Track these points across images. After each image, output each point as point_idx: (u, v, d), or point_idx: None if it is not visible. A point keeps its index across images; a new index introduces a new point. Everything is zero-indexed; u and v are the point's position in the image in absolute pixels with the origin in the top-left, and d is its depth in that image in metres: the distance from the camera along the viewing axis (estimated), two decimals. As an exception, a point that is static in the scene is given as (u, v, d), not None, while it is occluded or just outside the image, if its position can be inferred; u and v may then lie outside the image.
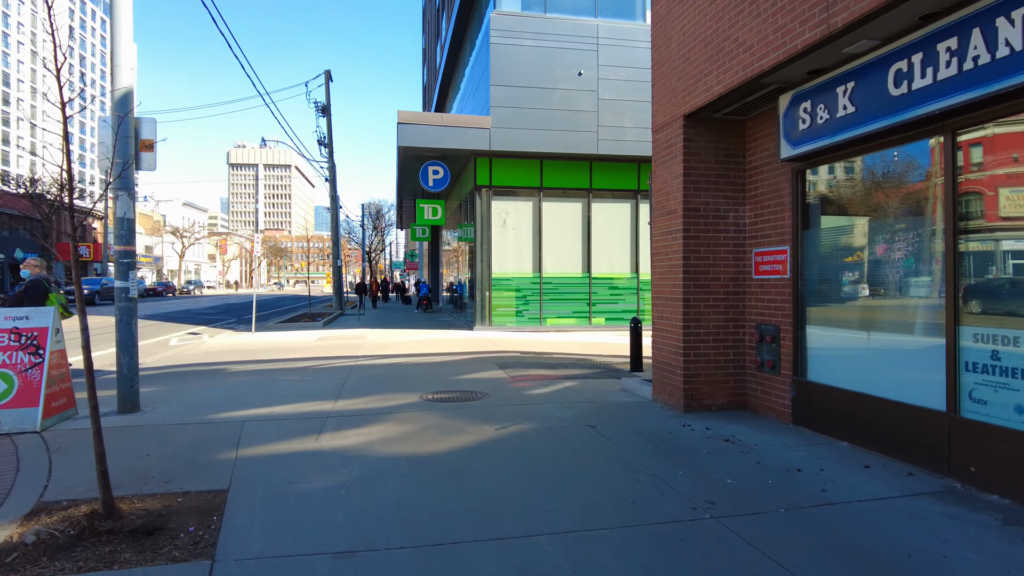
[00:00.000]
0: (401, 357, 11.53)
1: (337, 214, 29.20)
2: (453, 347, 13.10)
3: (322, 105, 28.56)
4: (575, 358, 11.58)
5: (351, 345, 13.74)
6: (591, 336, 16.58)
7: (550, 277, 17.54)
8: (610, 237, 18.00)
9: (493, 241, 17.20)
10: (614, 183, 17.99)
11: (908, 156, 4.83)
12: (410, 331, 17.43)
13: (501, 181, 17.34)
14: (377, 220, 67.10)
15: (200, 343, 15.41)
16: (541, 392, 7.80)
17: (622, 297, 18.07)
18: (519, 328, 17.18)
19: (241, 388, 8.29)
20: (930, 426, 4.48)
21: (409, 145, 16.29)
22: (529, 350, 12.65)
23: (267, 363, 10.96)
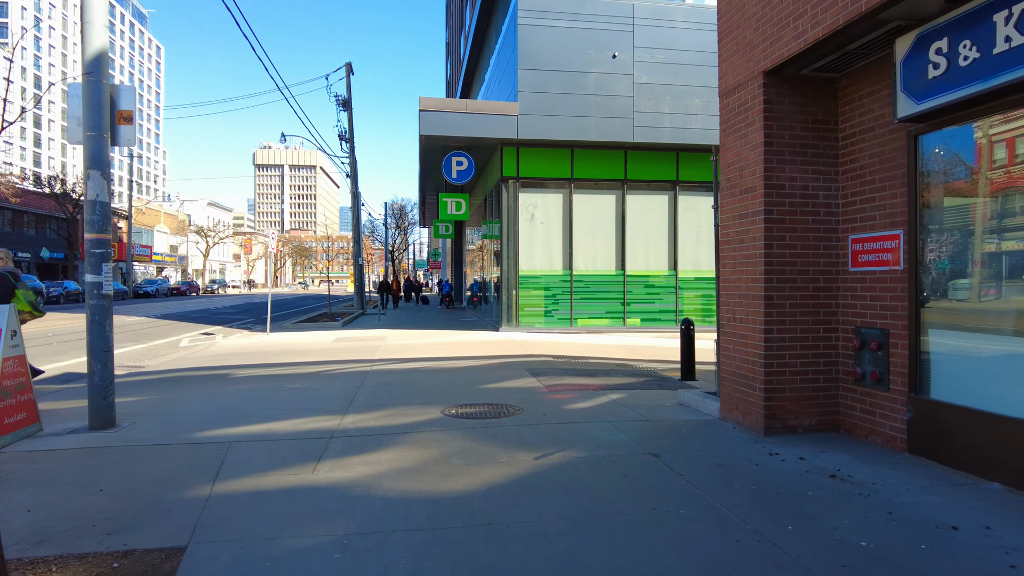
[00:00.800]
0: (422, 362, 10.45)
1: (359, 211, 28.34)
2: (478, 350, 12.00)
3: (343, 99, 27.73)
4: (614, 364, 10.38)
5: (369, 348, 12.72)
6: (627, 338, 15.35)
7: (581, 275, 16.34)
8: (646, 232, 16.75)
9: (520, 236, 16.07)
10: (650, 173, 16.73)
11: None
12: (432, 332, 16.38)
13: (529, 172, 16.19)
14: (400, 219, 66.52)
15: (211, 344, 14.55)
16: (584, 407, 6.63)
17: (659, 296, 16.80)
18: (548, 329, 16.01)
19: (240, 398, 7.27)
20: None
21: (431, 134, 15.23)
22: (561, 354, 11.48)
23: (276, 368, 9.96)
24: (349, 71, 27.90)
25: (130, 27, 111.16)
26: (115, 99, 5.92)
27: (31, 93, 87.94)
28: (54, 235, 43.50)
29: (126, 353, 12.96)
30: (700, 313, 17.01)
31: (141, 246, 56.49)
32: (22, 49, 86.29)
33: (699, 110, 16.22)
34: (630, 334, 16.19)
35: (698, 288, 16.99)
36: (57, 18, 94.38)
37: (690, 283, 16.95)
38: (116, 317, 22.99)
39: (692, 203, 17.01)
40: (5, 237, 41.26)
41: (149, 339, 15.99)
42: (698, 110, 16.23)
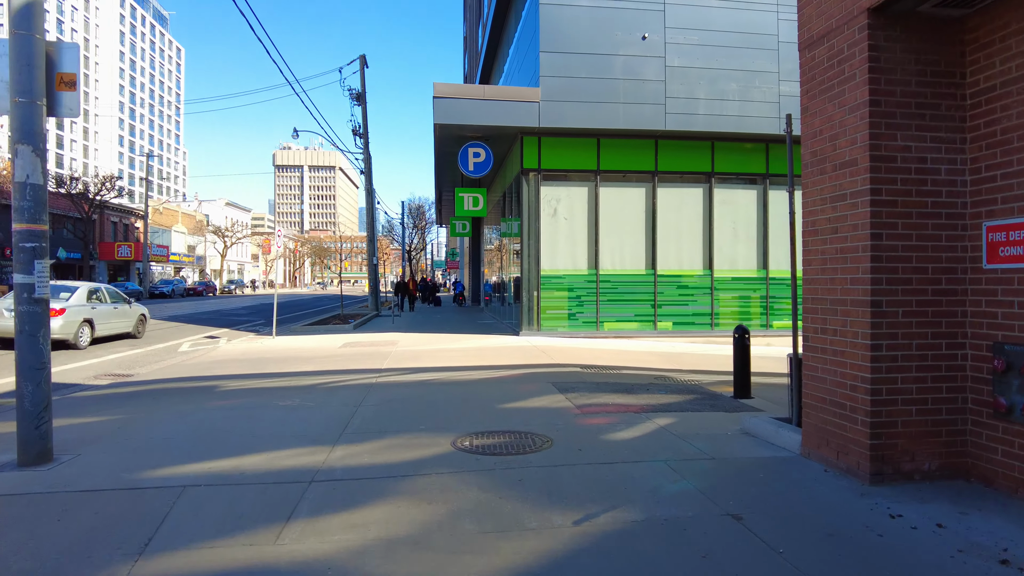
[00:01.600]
0: (433, 372, 9.30)
1: (373, 208, 27.35)
2: (496, 358, 10.82)
3: (356, 92, 26.74)
4: (651, 375, 9.14)
5: (378, 354, 11.61)
6: (659, 344, 14.07)
7: (608, 274, 15.09)
8: (679, 228, 15.44)
9: (542, 233, 14.86)
10: (684, 164, 15.43)
11: None
12: (447, 337, 15.24)
13: (552, 163, 14.97)
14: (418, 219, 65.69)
15: (212, 349, 13.57)
16: (628, 436, 5.41)
17: (692, 298, 15.48)
18: (572, 334, 14.79)
19: (218, 420, 6.17)
20: None
21: (446, 122, 14.09)
22: (589, 363, 10.26)
23: (272, 379, 8.88)
24: (363, 64, 26.92)
25: (151, 29, 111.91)
26: (54, 59, 4.85)
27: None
28: (70, 235, 43.18)
29: (119, 359, 12.00)
30: (736, 316, 15.67)
31: (158, 246, 56.25)
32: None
33: (736, 95, 14.89)
34: (662, 339, 14.92)
35: (735, 289, 15.65)
36: (80, 21, 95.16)
37: (727, 283, 15.62)
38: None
39: (729, 196, 15.68)
40: (21, 237, 41.00)
41: (150, 343, 15.08)
42: (734, 95, 14.90)
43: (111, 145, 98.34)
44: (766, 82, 15.06)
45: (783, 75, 15.08)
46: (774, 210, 15.78)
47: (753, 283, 15.79)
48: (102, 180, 42.69)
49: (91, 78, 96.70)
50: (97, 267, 49.61)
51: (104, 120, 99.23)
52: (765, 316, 15.84)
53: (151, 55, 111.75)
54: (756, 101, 14.98)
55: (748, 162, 15.75)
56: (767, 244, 15.69)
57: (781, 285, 15.85)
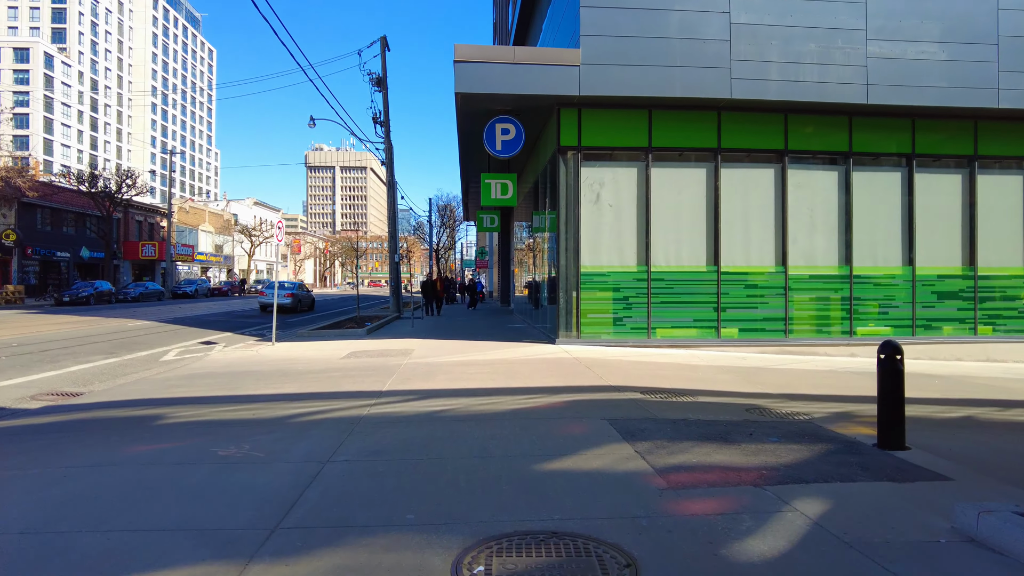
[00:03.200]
0: (447, 397, 7.08)
1: (395, 202, 25.38)
2: (530, 376, 8.56)
3: (377, 77, 24.79)
4: (738, 404, 6.79)
5: (384, 368, 9.47)
6: (725, 355, 11.65)
7: (662, 271, 12.71)
8: (746, 216, 12.98)
9: (583, 223, 12.56)
10: (752, 140, 12.96)
11: None
12: (470, 345, 13.03)
13: (594, 140, 12.66)
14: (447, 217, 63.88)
15: (197, 359, 11.64)
16: (767, 551, 3.07)
17: (763, 300, 13.00)
18: (618, 341, 12.46)
19: (107, 487, 4.06)
20: None
21: (470, 91, 11.88)
22: (651, 385, 7.93)
23: (236, 406, 6.80)
24: (384, 47, 24.97)
25: (183, 30, 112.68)
26: None
27: (88, 97, 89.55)
28: (94, 234, 42.35)
29: (80, 372, 10.10)
30: (814, 321, 13.15)
31: (183, 245, 55.43)
32: (79, 54, 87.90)
33: (814, 57, 12.36)
34: (727, 349, 12.48)
35: (812, 289, 13.12)
36: (114, 23, 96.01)
37: (803, 282, 13.09)
38: (123, 321, 20.83)
39: (805, 179, 13.16)
40: (44, 236, 40.29)
41: (134, 349, 13.24)
42: (813, 57, 12.36)
43: (144, 146, 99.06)
44: (851, 41, 12.49)
45: (871, 32, 12.51)
46: (859, 195, 13.21)
47: (833, 282, 13.23)
48: (121, 176, 41.70)
49: (124, 80, 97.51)
50: (122, 267, 48.90)
51: (137, 121, 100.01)
52: (848, 322, 13.26)
53: (183, 56, 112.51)
54: (839, 65, 12.43)
55: (828, 138, 13.21)
56: (850, 235, 13.13)
57: (866, 285, 13.28)
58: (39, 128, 79.70)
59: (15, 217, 37.29)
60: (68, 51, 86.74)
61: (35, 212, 39.45)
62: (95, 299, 33.80)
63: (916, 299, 13.39)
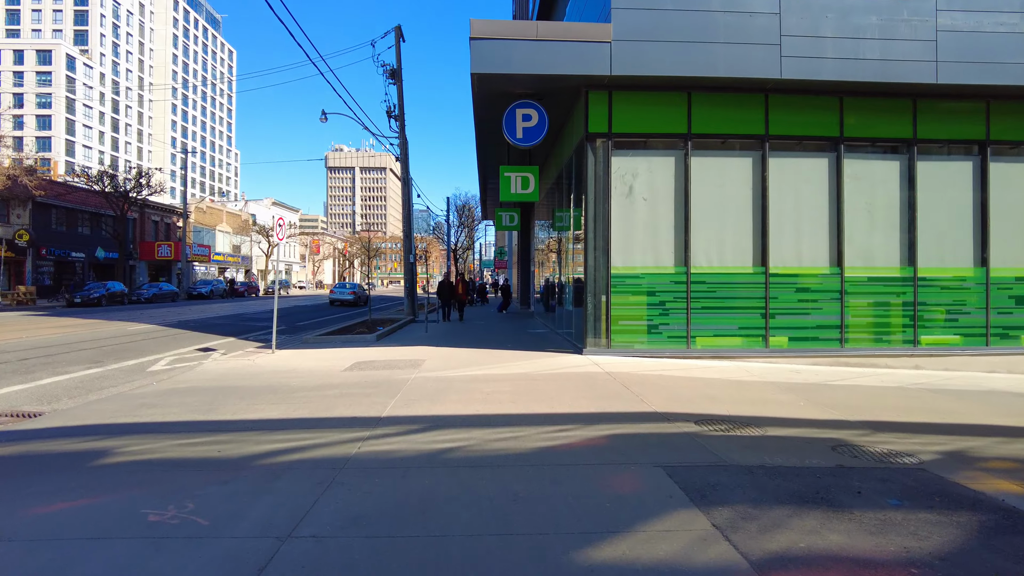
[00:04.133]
0: (458, 429, 5.80)
1: (410, 199, 24.23)
2: (557, 398, 7.26)
3: (391, 68, 23.67)
4: (817, 437, 5.44)
5: (388, 384, 8.25)
6: (776, 368, 10.23)
7: (703, 273, 11.35)
8: (797, 210, 11.57)
9: (613, 219, 11.25)
10: (803, 126, 11.55)
11: None
12: (487, 354, 11.76)
13: (626, 126, 11.34)
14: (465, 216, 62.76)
15: (188, 369, 10.55)
16: None
17: (815, 304, 11.57)
18: (653, 351, 11.13)
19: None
20: None
21: (488, 72, 10.64)
22: (704, 410, 6.60)
23: (205, 437, 5.62)
24: (399, 37, 23.83)
25: (203, 32, 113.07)
26: None
27: (109, 98, 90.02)
28: (109, 234, 41.87)
29: (52, 386, 9.01)
30: (872, 328, 11.69)
31: (199, 246, 54.94)
32: (100, 55, 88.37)
33: (877, 32, 10.92)
34: (776, 360, 11.08)
35: (871, 292, 11.66)
36: (135, 25, 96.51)
37: (861, 285, 11.63)
38: (125, 324, 19.87)
39: (863, 169, 11.71)
40: (59, 236, 39.86)
41: (124, 358, 12.20)
42: (875, 32, 10.93)
43: (164, 147, 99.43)
44: (918, 13, 11.03)
45: (942, 2, 11.04)
46: (924, 187, 11.72)
47: (895, 285, 11.75)
48: (135, 175, 41.17)
49: (145, 81, 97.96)
50: (138, 267, 48.51)
51: (157, 122, 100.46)
52: (911, 329, 11.77)
53: (203, 57, 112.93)
54: (903, 40, 10.98)
55: (888, 123, 11.73)
56: (913, 232, 11.65)
57: (932, 288, 11.78)
58: (61, 130, 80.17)
59: (29, 217, 36.88)
60: (90, 53, 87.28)
61: (49, 212, 39.04)
62: (107, 300, 33.17)
63: (990, 304, 11.85)
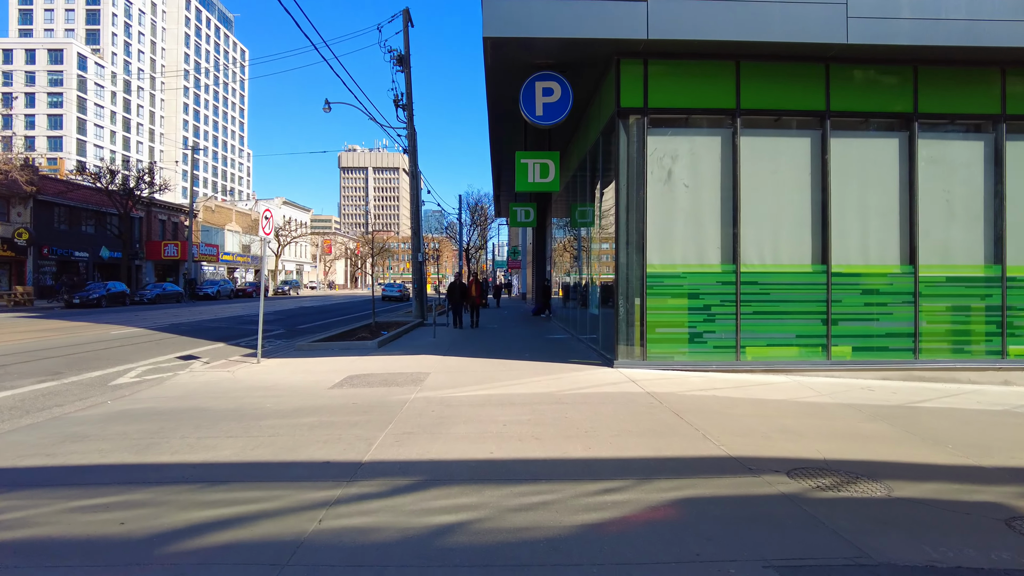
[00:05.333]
0: (461, 487, 4.21)
1: (418, 193, 22.73)
2: (591, 429, 5.66)
3: (399, 55, 22.17)
4: (971, 500, 3.82)
5: (380, 408, 6.72)
6: (843, 381, 8.55)
7: (754, 272, 9.70)
8: (862, 199, 9.90)
9: (650, 208, 9.64)
10: (871, 101, 9.89)
11: None
12: (502, 366, 10.19)
13: (664, 100, 9.73)
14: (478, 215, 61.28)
15: (157, 383, 9.10)
16: None
17: (884, 308, 9.87)
18: (697, 364, 9.50)
19: None
20: None
21: (504, 35, 9.06)
22: (789, 450, 4.98)
23: (106, 501, 4.12)
24: (407, 21, 22.34)
25: (215, 31, 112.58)
26: None
27: (120, 97, 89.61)
28: (114, 233, 40.82)
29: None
30: (950, 337, 9.98)
31: (207, 245, 53.85)
32: (112, 55, 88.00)
33: (961, -12, 9.24)
34: (840, 374, 9.42)
35: (950, 295, 9.97)
36: (147, 24, 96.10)
37: (937, 286, 9.93)
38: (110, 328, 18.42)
39: (941, 151, 10.00)
40: (61, 235, 38.85)
41: (90, 368, 10.79)
42: (960, -12, 9.24)
43: (176, 147, 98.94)
44: (1010, -35, 9.32)
45: (1041, -48, 9.31)
46: (1014, 171, 10.00)
47: (978, 286, 10.03)
48: (138, 173, 40.06)
49: (157, 80, 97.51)
50: (144, 267, 47.50)
51: (169, 121, 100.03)
52: (998, 338, 10.05)
53: (216, 57, 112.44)
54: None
55: (972, 97, 10.02)
56: (1001, 225, 9.94)
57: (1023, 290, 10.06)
58: (72, 129, 79.75)
59: (30, 215, 35.87)
60: (102, 52, 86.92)
61: (52, 210, 38.02)
62: (107, 301, 32.00)
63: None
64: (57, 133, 79.35)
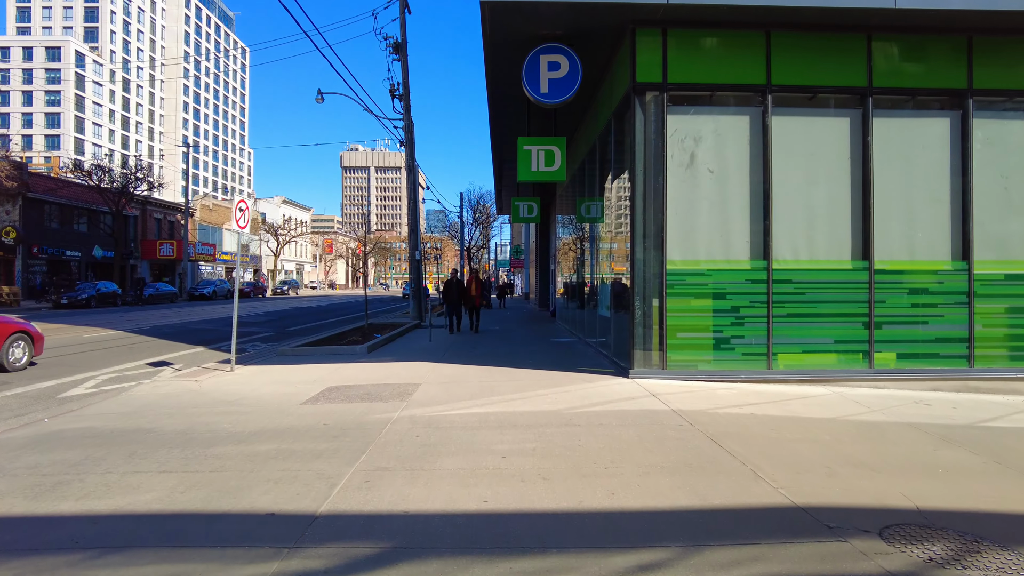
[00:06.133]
0: (447, 562, 3.12)
1: (415, 188, 21.62)
2: (612, 462, 4.55)
3: (395, 42, 21.06)
4: None
5: (357, 431, 5.62)
6: (892, 393, 7.41)
7: (788, 269, 8.57)
8: (909, 186, 8.75)
9: (670, 197, 8.50)
10: (919, 76, 8.75)
11: None
12: (503, 375, 9.07)
13: (686, 75, 8.59)
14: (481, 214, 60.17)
15: (111, 396, 8.03)
16: None
17: (934, 310, 8.73)
18: (723, 373, 8.37)
19: None
20: None
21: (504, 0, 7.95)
22: (873, 502, 3.85)
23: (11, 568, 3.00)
24: (404, 6, 21.22)
25: (216, 29, 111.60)
26: None
27: (119, 96, 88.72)
28: (107, 231, 39.82)
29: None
30: (1010, 343, 8.83)
31: (204, 244, 52.84)
32: (111, 53, 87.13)
33: (1021, -54, 8.10)
34: (885, 384, 8.29)
35: (1010, 294, 8.81)
36: (146, 22, 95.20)
37: (994, 285, 8.78)
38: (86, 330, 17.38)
39: (998, 131, 8.85)
40: (52, 234, 37.85)
41: (47, 376, 9.73)
42: (1019, -54, 8.10)
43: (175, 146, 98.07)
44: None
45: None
46: (1080, 155, 8.84)
47: (1043, 284, 8.87)
48: (131, 170, 39.00)
49: (156, 78, 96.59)
50: (140, 267, 46.51)
51: (168, 120, 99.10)
52: (1061, 343, 8.88)
53: (216, 55, 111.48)
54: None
55: (1033, 71, 8.86)
56: (1064, 215, 8.77)
57: (1089, 289, 8.90)
58: (70, 128, 78.85)
59: (19, 213, 34.86)
60: (100, 50, 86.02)
61: (42, 208, 37.00)
62: (96, 301, 30.99)
63: None
64: (55, 131, 78.47)
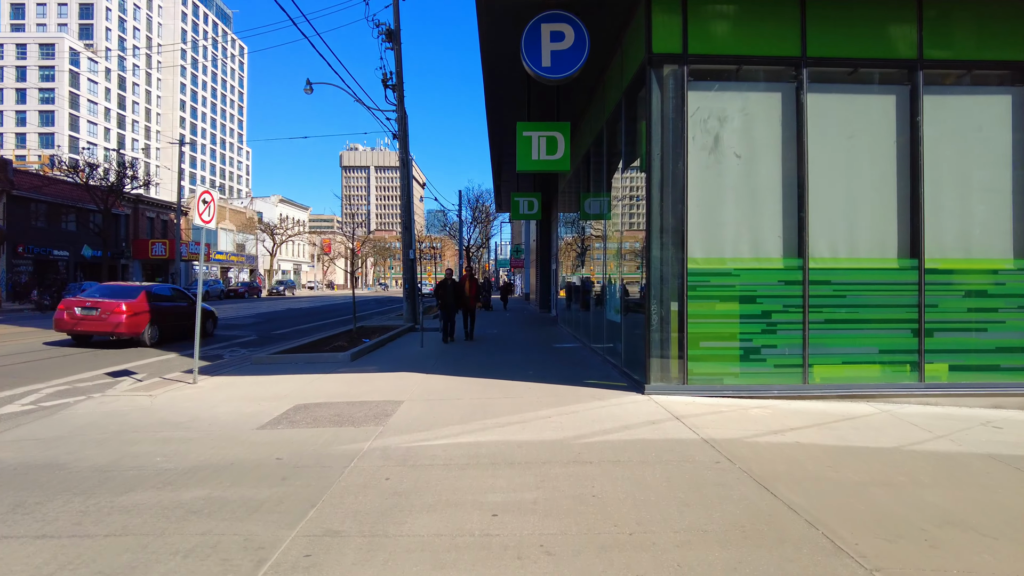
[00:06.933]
0: None
1: (409, 182, 20.52)
2: (642, 535, 3.44)
3: (388, 29, 19.97)
4: None
5: (312, 472, 4.52)
6: (952, 413, 6.33)
7: (825, 268, 7.45)
8: (963, 174, 7.65)
9: (690, 186, 7.39)
10: (976, 47, 7.64)
11: None
12: (500, 391, 7.95)
13: (709, 46, 7.48)
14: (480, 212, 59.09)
15: (48, 414, 6.97)
16: None
17: (995, 316, 7.62)
18: (753, 389, 7.26)
19: None
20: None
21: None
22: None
23: None
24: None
25: (213, 27, 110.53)
26: None
27: (115, 93, 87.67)
28: (96, 230, 38.76)
29: None
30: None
31: (198, 244, 51.76)
32: (106, 50, 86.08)
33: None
34: (938, 400, 7.20)
35: (1080, 298, 7.69)
36: (142, 19, 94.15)
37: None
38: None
39: (1066, 111, 7.73)
40: (39, 232, 36.75)
41: (-14, 390, 8.62)
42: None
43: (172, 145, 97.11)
44: None
45: None
46: None
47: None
48: (120, 167, 37.85)
49: (153, 77, 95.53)
50: (132, 266, 45.43)
51: (166, 119, 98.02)
52: None
53: (213, 53, 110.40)
54: None
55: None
56: None
57: None
58: (64, 126, 77.78)
59: (3, 211, 33.78)
60: (95, 47, 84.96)
61: (27, 206, 35.92)
62: (80, 303, 29.86)
63: None
64: (49, 130, 77.41)
